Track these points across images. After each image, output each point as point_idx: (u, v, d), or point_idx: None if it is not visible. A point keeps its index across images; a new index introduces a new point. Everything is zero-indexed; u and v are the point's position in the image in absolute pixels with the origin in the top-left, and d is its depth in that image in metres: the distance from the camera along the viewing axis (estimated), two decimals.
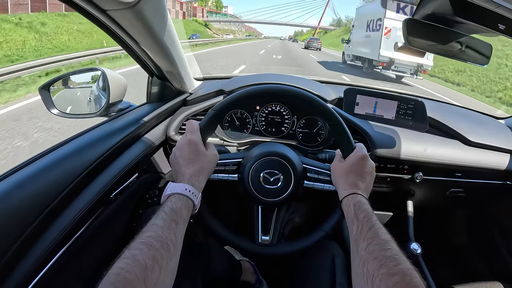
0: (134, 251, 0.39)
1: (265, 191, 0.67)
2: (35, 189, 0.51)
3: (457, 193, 1.00)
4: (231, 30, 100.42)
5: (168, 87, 0.93)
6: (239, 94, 0.65)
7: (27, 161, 0.55)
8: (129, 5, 0.54)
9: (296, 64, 12.34)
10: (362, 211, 0.52)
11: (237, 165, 0.70)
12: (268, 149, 0.69)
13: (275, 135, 0.99)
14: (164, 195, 0.52)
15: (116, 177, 0.68)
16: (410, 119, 0.95)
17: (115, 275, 0.35)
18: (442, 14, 0.69)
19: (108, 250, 0.74)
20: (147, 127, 0.83)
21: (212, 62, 10.30)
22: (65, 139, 0.65)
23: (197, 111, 0.93)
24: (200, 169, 0.56)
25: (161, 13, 0.64)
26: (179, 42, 0.79)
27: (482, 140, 0.93)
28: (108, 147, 0.68)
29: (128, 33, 0.65)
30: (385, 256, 0.42)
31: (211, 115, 0.62)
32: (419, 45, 0.77)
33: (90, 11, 0.56)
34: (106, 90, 0.82)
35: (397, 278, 0.38)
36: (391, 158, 0.89)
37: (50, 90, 0.82)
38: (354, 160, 0.61)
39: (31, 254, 0.48)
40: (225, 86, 0.98)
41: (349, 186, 0.58)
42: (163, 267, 0.40)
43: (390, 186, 0.99)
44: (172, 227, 0.45)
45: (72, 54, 8.73)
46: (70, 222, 0.54)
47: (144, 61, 0.80)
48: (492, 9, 0.61)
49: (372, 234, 0.47)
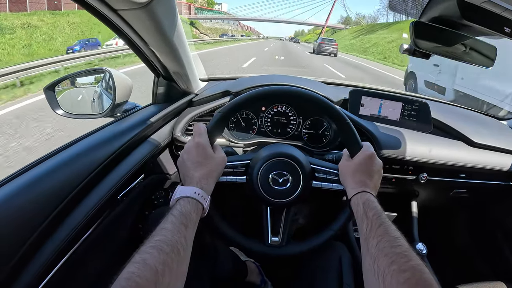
0: (145, 255, 0.39)
1: (274, 192, 0.67)
2: (43, 191, 0.50)
3: (461, 193, 1.01)
4: (224, 29, 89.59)
5: (174, 88, 0.93)
6: (246, 96, 0.64)
7: (35, 162, 0.55)
8: (141, 5, 0.54)
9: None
10: (371, 209, 0.53)
11: (245, 167, 0.70)
12: (277, 150, 0.70)
13: (280, 136, 0.99)
14: (173, 199, 0.52)
15: (123, 178, 0.67)
16: (415, 120, 0.96)
17: (126, 280, 0.35)
18: (449, 17, 0.70)
19: (115, 251, 0.74)
20: (153, 128, 0.83)
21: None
22: (72, 140, 0.65)
23: (203, 112, 0.92)
24: (208, 172, 0.56)
25: (172, 14, 0.64)
26: (187, 43, 0.79)
27: (486, 141, 0.94)
28: (115, 148, 0.67)
29: (138, 33, 0.65)
30: (395, 253, 0.42)
31: (218, 118, 0.62)
32: (425, 47, 0.78)
33: (101, 11, 0.56)
34: (111, 90, 0.82)
35: (408, 275, 0.38)
36: (396, 159, 0.89)
37: (55, 90, 0.81)
38: (361, 159, 0.62)
39: (39, 256, 0.47)
40: (231, 87, 0.98)
41: (358, 184, 0.59)
42: (173, 271, 0.40)
43: (395, 186, 0.99)
44: (182, 230, 0.45)
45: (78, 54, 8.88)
46: (78, 223, 0.54)
47: (151, 61, 0.80)
48: (499, 12, 0.62)
49: (382, 231, 0.47)
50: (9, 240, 0.44)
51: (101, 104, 0.88)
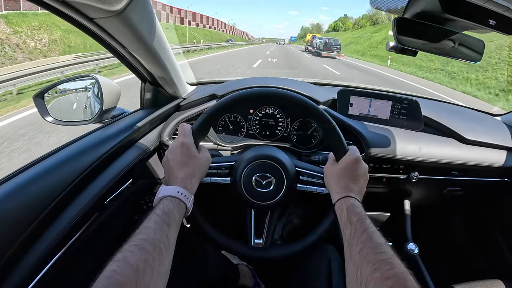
0: (126, 254, 0.39)
1: (258, 194, 0.67)
2: (28, 197, 0.51)
3: (455, 191, 0.99)
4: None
5: (161, 92, 0.94)
6: (231, 97, 0.65)
7: (20, 169, 0.56)
8: (115, 12, 0.54)
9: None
10: (355, 214, 0.52)
11: (230, 168, 0.70)
12: (261, 152, 0.69)
13: (269, 138, 0.99)
14: (157, 198, 0.52)
15: (110, 183, 0.68)
16: (405, 118, 0.95)
17: (107, 278, 0.36)
18: (431, 11, 0.68)
19: (103, 255, 0.74)
20: (141, 133, 0.84)
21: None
22: (58, 147, 0.66)
23: (190, 116, 0.93)
24: (192, 172, 0.56)
25: (149, 20, 0.65)
26: (169, 48, 0.79)
27: (478, 137, 0.92)
28: (101, 153, 0.68)
29: (118, 40, 0.66)
30: (378, 260, 0.41)
31: (203, 119, 0.62)
32: (410, 44, 0.76)
33: (79, 20, 0.57)
34: (99, 97, 0.83)
35: (391, 283, 0.38)
36: (386, 158, 0.88)
37: (44, 98, 0.83)
38: (347, 163, 0.60)
39: (25, 260, 0.48)
40: (218, 91, 0.98)
41: (342, 189, 0.58)
42: (155, 270, 0.40)
43: (386, 186, 0.98)
44: (164, 229, 0.45)
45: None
46: (64, 228, 0.54)
47: (136, 67, 0.80)
48: (481, 4, 0.60)
49: (365, 237, 0.46)
50: None
51: (90, 111, 0.89)
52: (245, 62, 13.47)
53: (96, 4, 0.51)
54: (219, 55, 18.30)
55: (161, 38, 0.72)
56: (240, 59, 15.50)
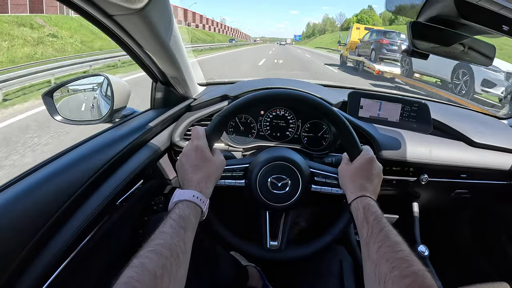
0: (143, 260, 0.38)
1: (273, 196, 0.66)
2: (41, 197, 0.50)
3: (462, 194, 1.00)
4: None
5: (172, 93, 0.93)
6: (245, 99, 0.64)
7: (33, 169, 0.55)
8: (136, 10, 0.54)
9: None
10: (371, 213, 0.52)
11: (244, 170, 0.70)
12: (275, 154, 0.69)
13: (280, 139, 0.99)
14: (172, 202, 0.51)
15: (122, 183, 0.67)
16: (414, 121, 0.96)
17: (124, 284, 0.35)
18: (447, 16, 0.69)
19: (114, 257, 0.73)
20: (152, 133, 0.83)
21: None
22: (70, 146, 0.65)
23: (201, 117, 0.92)
24: (207, 176, 0.56)
25: (168, 18, 0.64)
26: (184, 47, 0.79)
27: (486, 140, 0.94)
28: (113, 153, 0.67)
29: (134, 38, 0.65)
30: (396, 258, 0.42)
31: (217, 121, 0.62)
32: (423, 48, 0.77)
33: (96, 16, 0.56)
34: (110, 96, 0.82)
35: (409, 280, 0.38)
36: (396, 160, 0.89)
37: (54, 96, 0.81)
38: (361, 163, 0.61)
39: (37, 262, 0.47)
40: (230, 91, 0.97)
41: (357, 189, 0.58)
42: (172, 275, 0.39)
43: (395, 188, 0.98)
44: (180, 234, 0.44)
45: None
46: (76, 229, 0.54)
47: (148, 66, 0.80)
48: (496, 10, 0.61)
49: (382, 236, 0.47)
50: (9, 245, 0.44)
51: (100, 110, 0.88)
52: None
53: (118, 1, 0.50)
54: (223, 55, 18.68)
55: (177, 38, 0.71)
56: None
